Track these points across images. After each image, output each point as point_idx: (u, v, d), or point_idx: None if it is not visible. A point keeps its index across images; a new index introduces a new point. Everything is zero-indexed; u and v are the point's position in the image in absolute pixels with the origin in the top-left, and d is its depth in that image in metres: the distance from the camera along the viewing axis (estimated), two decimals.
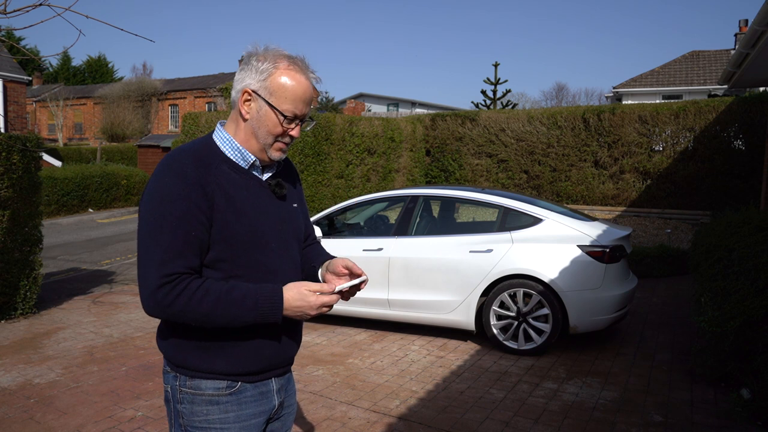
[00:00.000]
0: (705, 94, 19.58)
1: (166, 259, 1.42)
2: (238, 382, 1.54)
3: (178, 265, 1.43)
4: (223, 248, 1.49)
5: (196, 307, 1.43)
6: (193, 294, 1.42)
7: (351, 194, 11.60)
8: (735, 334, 3.73)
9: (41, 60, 38.74)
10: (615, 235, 4.85)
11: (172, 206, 1.43)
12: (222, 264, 1.51)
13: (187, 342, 1.52)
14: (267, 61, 1.51)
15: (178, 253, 1.43)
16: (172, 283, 1.42)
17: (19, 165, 5.63)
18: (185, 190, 1.44)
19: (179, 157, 1.49)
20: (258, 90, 1.51)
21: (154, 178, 1.48)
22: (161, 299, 1.41)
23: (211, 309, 1.44)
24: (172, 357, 1.55)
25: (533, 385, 4.14)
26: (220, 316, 1.45)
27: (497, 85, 22.65)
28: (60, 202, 14.63)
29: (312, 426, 3.48)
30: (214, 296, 1.44)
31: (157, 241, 1.43)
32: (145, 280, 1.43)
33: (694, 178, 11.03)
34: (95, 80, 46.08)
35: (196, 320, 1.45)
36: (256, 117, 1.54)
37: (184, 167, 1.46)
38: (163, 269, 1.41)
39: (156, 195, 1.45)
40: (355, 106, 33.85)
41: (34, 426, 3.47)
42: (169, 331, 1.55)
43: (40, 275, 6.04)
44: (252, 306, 1.46)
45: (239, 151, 1.56)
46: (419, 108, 37.08)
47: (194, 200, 1.44)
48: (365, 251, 5.32)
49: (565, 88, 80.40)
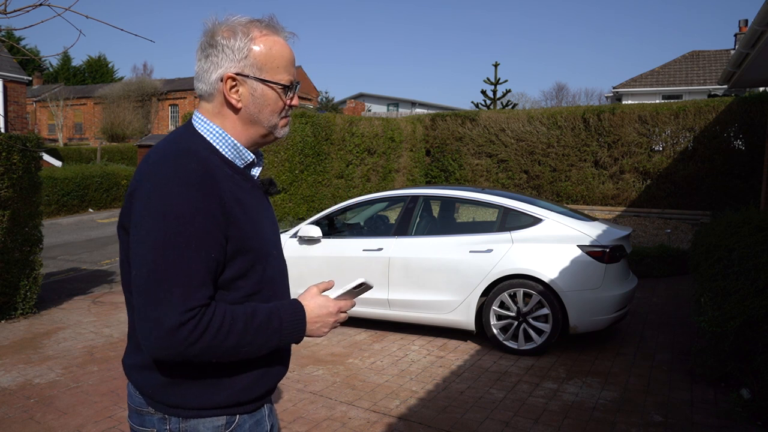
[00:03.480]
0: (705, 94, 19.58)
1: (189, 291, 1.17)
2: (237, 416, 1.33)
3: (202, 296, 1.19)
4: (241, 264, 1.29)
5: (224, 340, 1.21)
6: (221, 326, 1.20)
7: (351, 194, 11.60)
8: (735, 334, 3.73)
9: (41, 60, 38.75)
10: (615, 235, 4.85)
11: (188, 223, 1.18)
12: (240, 282, 1.30)
13: (181, 375, 1.28)
14: (238, 36, 1.29)
15: (202, 281, 1.20)
16: (196, 318, 1.18)
17: (19, 165, 5.63)
18: (201, 202, 1.20)
19: (182, 161, 1.23)
20: (242, 71, 1.29)
21: (159, 188, 1.20)
22: (184, 338, 1.16)
23: (239, 340, 1.23)
24: (160, 396, 1.30)
25: (533, 385, 4.14)
26: (248, 345, 1.24)
27: (497, 85, 22.65)
28: (60, 202, 14.62)
29: (312, 426, 3.48)
30: (240, 324, 1.23)
31: (173, 267, 1.17)
32: (159, 317, 1.16)
33: (694, 178, 11.03)
34: (95, 80, 46.10)
35: (220, 356, 1.23)
36: (252, 102, 1.31)
37: (193, 173, 1.21)
38: (187, 303, 1.17)
39: (165, 209, 1.18)
40: (355, 106, 33.85)
41: (34, 426, 3.47)
42: (151, 366, 1.29)
43: (40, 275, 6.04)
44: (277, 327, 1.29)
45: (236, 150, 1.35)
46: (419, 108, 37.09)
47: (213, 214, 1.21)
48: (365, 251, 5.32)
49: (565, 88, 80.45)
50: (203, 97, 1.35)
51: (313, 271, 5.49)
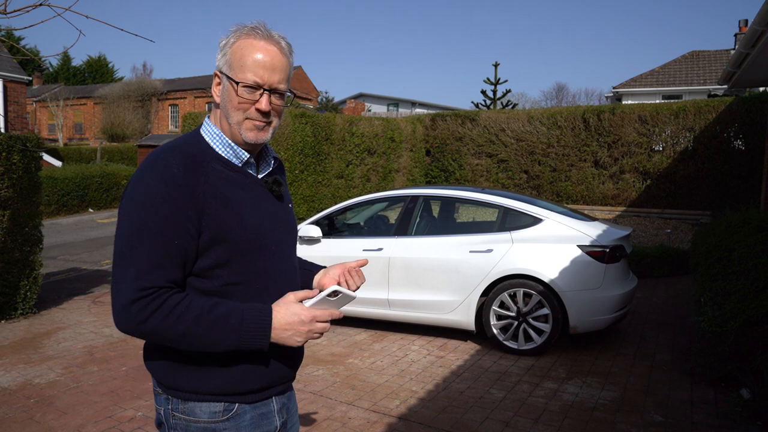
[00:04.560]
0: (705, 94, 19.57)
1: (142, 271, 1.27)
2: (236, 404, 1.38)
3: (156, 278, 1.28)
4: (219, 254, 1.35)
5: (173, 326, 1.27)
6: (171, 311, 1.27)
7: (351, 194, 11.60)
8: (735, 334, 3.73)
9: (41, 60, 38.74)
10: (615, 235, 4.85)
11: (153, 211, 1.28)
12: (218, 271, 1.36)
13: (178, 360, 1.36)
14: (229, 38, 1.40)
15: (158, 264, 1.28)
16: (148, 298, 1.26)
17: (20, 165, 5.63)
18: (170, 194, 1.29)
19: (165, 156, 1.34)
20: (221, 68, 1.40)
21: (137, 178, 1.33)
22: (134, 315, 1.26)
23: (188, 328, 1.28)
24: (162, 378, 1.39)
25: (533, 385, 4.14)
26: (199, 337, 1.29)
27: (497, 85, 22.65)
28: (60, 202, 14.62)
29: (312, 426, 3.48)
30: (194, 313, 1.28)
31: (134, 249, 1.28)
32: (118, 293, 1.28)
33: (694, 178, 11.03)
34: (95, 80, 46.10)
35: (172, 341, 1.30)
36: (224, 96, 1.40)
37: (171, 167, 1.31)
38: (139, 282, 1.26)
39: (137, 197, 1.30)
40: (355, 106, 33.85)
41: (34, 426, 3.47)
42: (156, 349, 1.39)
43: (40, 275, 6.04)
44: (236, 326, 1.30)
45: (231, 148, 1.42)
46: (419, 108, 37.08)
47: (180, 205, 1.29)
48: (365, 251, 5.32)
49: (565, 88, 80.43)
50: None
51: None
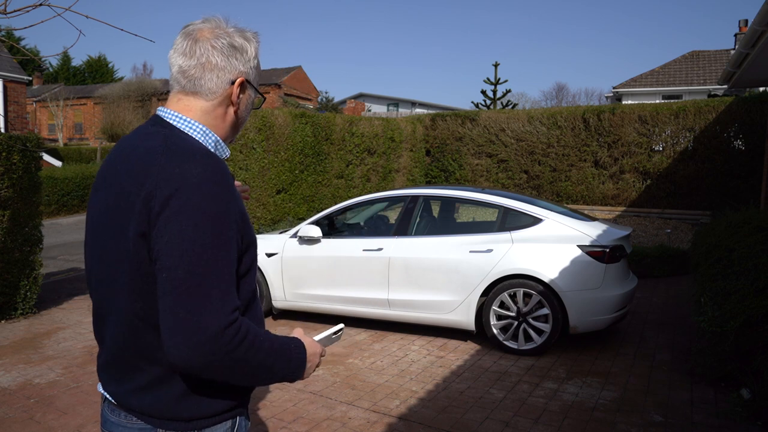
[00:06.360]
0: (705, 94, 19.57)
1: (226, 291, 1.12)
2: (237, 418, 1.31)
3: (234, 299, 1.15)
4: (247, 261, 1.27)
5: (255, 355, 1.14)
6: (255, 338, 1.15)
7: (351, 194, 11.60)
8: (735, 334, 3.73)
9: (41, 60, 38.74)
10: (615, 235, 4.85)
11: (222, 220, 1.14)
12: (245, 279, 1.27)
13: (198, 384, 1.22)
14: (251, 44, 1.33)
15: (232, 281, 1.16)
16: (237, 323, 1.12)
17: (20, 165, 5.63)
18: (228, 203, 1.17)
19: (206, 161, 1.19)
20: (250, 77, 1.34)
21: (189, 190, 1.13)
22: (227, 344, 1.10)
23: (264, 358, 1.17)
24: (176, 412, 1.22)
25: (533, 385, 4.14)
26: (268, 369, 1.19)
27: (497, 85, 22.65)
28: (60, 202, 14.62)
29: (312, 426, 3.48)
30: (268, 343, 1.18)
31: (211, 266, 1.11)
32: (200, 321, 1.08)
33: (694, 178, 11.03)
34: (95, 80, 46.07)
35: (242, 374, 1.16)
36: (245, 107, 1.36)
37: (217, 173, 1.18)
38: (227, 305, 1.11)
39: (201, 207, 1.13)
40: (355, 106, 33.84)
41: (34, 426, 3.47)
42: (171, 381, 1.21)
43: (40, 275, 6.04)
44: (289, 357, 1.23)
45: (218, 145, 1.34)
46: (419, 108, 37.08)
47: (235, 213, 1.19)
48: (365, 251, 5.32)
49: (565, 88, 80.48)
50: (200, 94, 1.30)
51: (313, 272, 5.50)
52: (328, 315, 5.69)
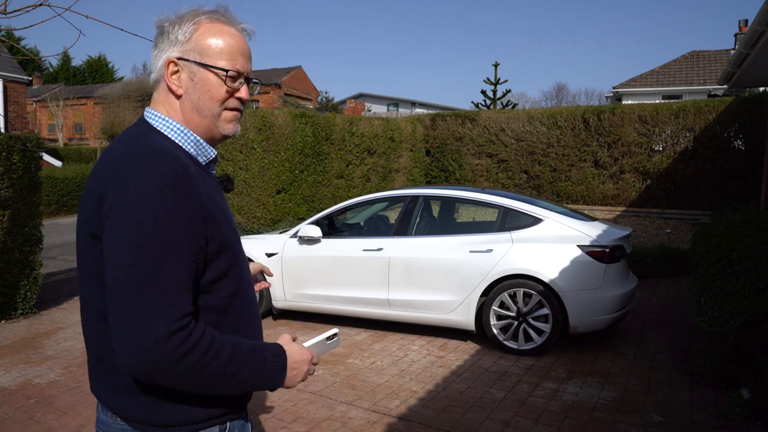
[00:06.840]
0: (705, 94, 19.57)
1: (172, 297, 1.09)
2: (227, 423, 1.27)
3: (186, 304, 1.11)
4: (222, 264, 1.22)
5: (209, 364, 1.10)
6: (210, 346, 1.10)
7: (351, 194, 11.60)
8: (735, 334, 3.73)
9: (41, 60, 38.73)
10: (615, 235, 4.85)
11: (169, 222, 1.10)
12: (221, 283, 1.23)
13: (164, 392, 1.18)
14: (185, 23, 1.26)
15: (185, 286, 1.11)
16: (186, 329, 1.08)
17: (20, 165, 5.63)
18: (179, 203, 1.13)
19: (156, 161, 1.15)
20: (183, 55, 1.25)
21: (133, 190, 1.11)
22: (172, 352, 1.06)
23: (223, 368, 1.12)
24: (160, 417, 1.19)
25: (533, 385, 4.14)
26: (229, 378, 1.14)
27: (497, 85, 22.64)
28: (60, 202, 14.62)
29: (312, 426, 3.48)
30: (228, 350, 1.13)
31: (154, 271, 1.08)
32: (144, 329, 1.05)
33: (694, 178, 11.03)
34: (95, 80, 46.07)
35: (196, 384, 1.12)
36: (191, 86, 1.26)
37: (169, 173, 1.14)
38: (173, 310, 1.08)
39: (143, 212, 1.10)
40: (355, 106, 33.84)
41: (34, 426, 3.47)
42: (146, 385, 1.17)
43: (40, 275, 6.04)
44: (260, 365, 1.19)
45: (199, 145, 1.29)
46: (419, 108, 37.07)
47: (191, 214, 1.15)
48: (365, 251, 5.32)
49: (565, 88, 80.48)
50: (153, 88, 1.31)
51: (313, 272, 5.49)
52: (328, 315, 5.69)
